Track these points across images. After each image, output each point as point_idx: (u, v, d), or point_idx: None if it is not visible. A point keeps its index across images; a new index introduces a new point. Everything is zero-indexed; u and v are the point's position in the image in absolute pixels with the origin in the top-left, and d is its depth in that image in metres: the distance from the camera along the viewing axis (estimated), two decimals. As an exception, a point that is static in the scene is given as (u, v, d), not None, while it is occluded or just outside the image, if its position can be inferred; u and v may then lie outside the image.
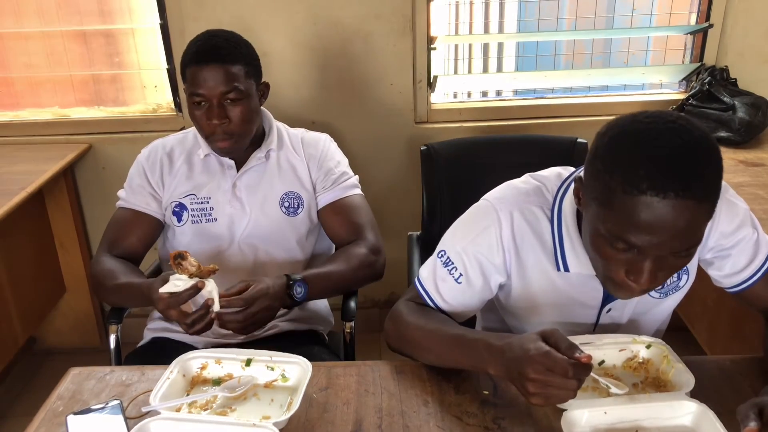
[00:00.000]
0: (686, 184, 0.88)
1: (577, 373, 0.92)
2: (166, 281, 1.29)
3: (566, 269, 1.15)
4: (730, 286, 1.23)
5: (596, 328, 1.26)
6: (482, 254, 1.17)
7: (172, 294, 1.28)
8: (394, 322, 1.21)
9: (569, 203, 1.13)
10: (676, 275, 1.19)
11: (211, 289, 1.29)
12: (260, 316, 1.35)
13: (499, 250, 1.16)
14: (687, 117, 0.96)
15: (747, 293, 1.23)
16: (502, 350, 1.00)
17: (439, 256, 1.21)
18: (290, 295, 1.41)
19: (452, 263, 1.18)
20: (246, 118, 1.51)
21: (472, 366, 1.10)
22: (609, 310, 1.22)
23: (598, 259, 1.02)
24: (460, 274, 1.18)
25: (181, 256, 1.27)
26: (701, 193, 0.90)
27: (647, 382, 1.16)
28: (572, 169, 1.22)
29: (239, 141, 1.54)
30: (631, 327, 1.28)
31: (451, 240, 1.21)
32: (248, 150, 1.61)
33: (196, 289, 1.27)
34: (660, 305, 1.27)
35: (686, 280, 1.24)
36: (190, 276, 1.27)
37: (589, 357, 0.93)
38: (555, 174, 1.20)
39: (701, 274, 1.30)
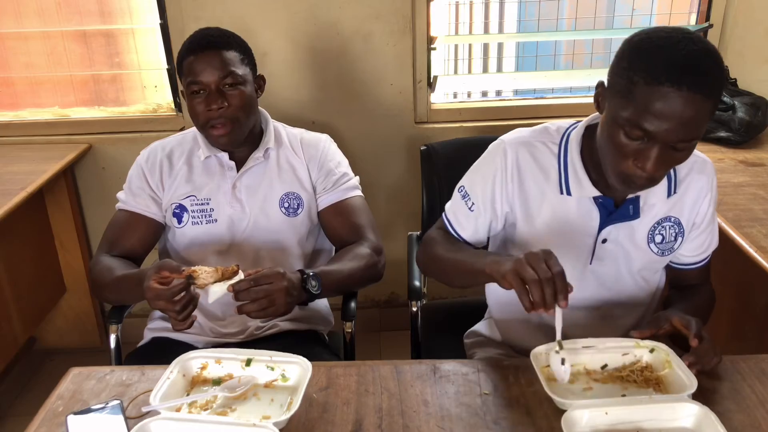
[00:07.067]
0: (697, 80, 1.03)
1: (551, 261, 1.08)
2: (162, 267, 1.26)
3: (568, 193, 1.29)
4: (682, 263, 1.40)
5: (593, 259, 1.33)
6: (489, 184, 1.33)
7: (162, 286, 1.25)
8: (424, 248, 1.42)
9: (575, 137, 1.30)
10: (672, 237, 1.32)
11: (209, 281, 1.26)
12: (277, 297, 1.29)
13: (503, 181, 1.31)
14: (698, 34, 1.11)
15: (686, 273, 1.40)
16: (501, 255, 1.22)
17: (459, 190, 1.39)
18: (306, 289, 1.39)
19: (468, 195, 1.36)
20: (244, 103, 1.52)
21: (475, 269, 1.22)
22: (605, 240, 1.31)
23: (612, 151, 1.14)
24: (473, 203, 1.35)
25: (190, 277, 1.25)
26: (708, 91, 1.04)
27: (649, 385, 1.16)
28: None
29: (236, 128, 1.53)
30: (629, 280, 1.37)
31: (468, 175, 1.39)
32: (247, 150, 1.62)
33: (186, 284, 1.25)
34: (648, 256, 1.35)
35: (680, 243, 1.34)
36: (215, 282, 1.26)
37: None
38: (563, 121, 1.37)
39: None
